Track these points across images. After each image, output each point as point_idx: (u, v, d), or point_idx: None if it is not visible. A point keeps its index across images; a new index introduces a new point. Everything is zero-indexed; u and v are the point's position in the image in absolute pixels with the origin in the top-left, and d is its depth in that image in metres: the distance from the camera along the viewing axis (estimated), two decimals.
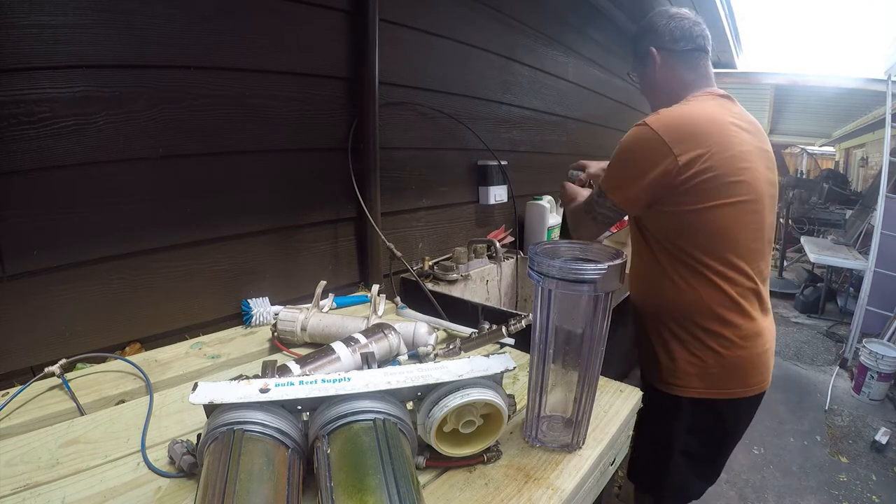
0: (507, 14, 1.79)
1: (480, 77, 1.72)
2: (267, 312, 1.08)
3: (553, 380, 0.67)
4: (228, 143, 1.03)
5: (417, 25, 1.42)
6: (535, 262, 0.61)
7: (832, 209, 6.53)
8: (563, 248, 0.67)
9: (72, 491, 0.55)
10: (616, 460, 0.77)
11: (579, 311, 0.63)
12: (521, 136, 2.01)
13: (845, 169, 10.20)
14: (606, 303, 0.61)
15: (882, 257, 3.51)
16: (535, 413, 0.68)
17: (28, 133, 0.77)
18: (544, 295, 0.62)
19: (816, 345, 3.88)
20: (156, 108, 0.91)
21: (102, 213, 0.87)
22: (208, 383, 0.53)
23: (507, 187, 1.83)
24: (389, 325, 0.90)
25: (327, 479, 0.47)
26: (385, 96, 1.30)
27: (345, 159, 1.24)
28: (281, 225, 1.16)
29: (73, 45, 0.80)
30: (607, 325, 0.62)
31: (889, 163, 3.62)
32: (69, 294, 0.85)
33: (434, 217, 1.60)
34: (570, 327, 0.64)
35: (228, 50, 1.00)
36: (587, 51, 2.45)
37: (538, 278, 0.61)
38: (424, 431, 0.58)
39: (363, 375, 0.57)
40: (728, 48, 3.92)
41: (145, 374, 0.81)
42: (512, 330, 0.91)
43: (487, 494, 0.58)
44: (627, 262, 0.75)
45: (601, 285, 0.58)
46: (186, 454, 0.58)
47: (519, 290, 1.87)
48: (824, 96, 5.97)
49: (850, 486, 2.20)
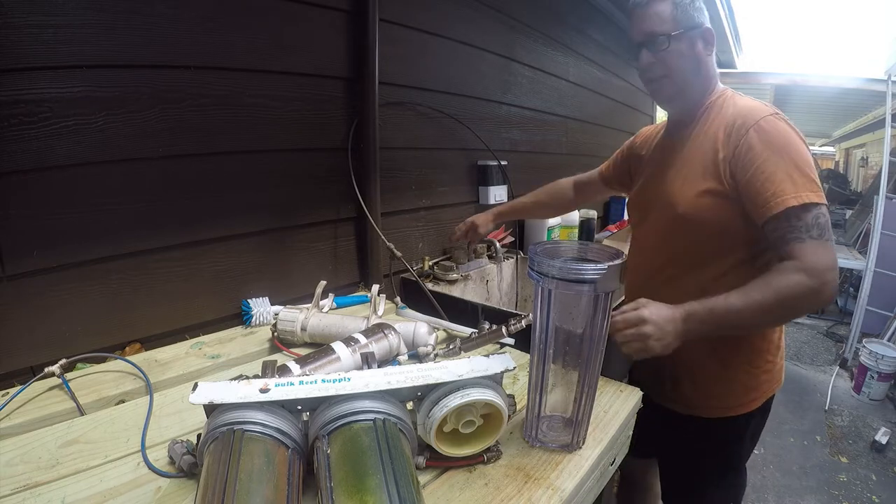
0: (507, 14, 1.79)
1: (480, 77, 1.72)
2: (267, 312, 1.08)
3: (553, 380, 0.67)
4: (228, 143, 1.03)
5: (417, 25, 1.42)
6: (535, 261, 0.61)
7: (832, 209, 6.55)
8: (563, 248, 0.67)
9: (72, 491, 0.55)
10: (616, 460, 0.76)
11: (579, 311, 0.63)
12: (521, 136, 2.01)
13: (845, 169, 10.21)
14: (606, 303, 0.61)
15: (882, 257, 3.51)
16: (535, 413, 0.68)
17: (28, 133, 0.77)
18: (544, 295, 0.62)
19: (816, 345, 3.88)
20: (156, 108, 0.91)
21: (102, 213, 0.87)
22: (208, 383, 0.53)
23: (506, 187, 1.83)
24: (389, 325, 0.90)
25: (327, 479, 0.47)
26: (385, 96, 1.30)
27: (345, 159, 1.24)
28: (281, 225, 1.16)
29: (73, 45, 0.80)
30: (607, 325, 0.62)
31: (889, 163, 3.62)
32: (69, 294, 0.85)
33: (434, 217, 1.60)
34: (570, 327, 0.64)
35: (228, 50, 1.00)
36: (587, 51, 2.45)
37: (538, 278, 0.61)
38: (424, 431, 0.58)
39: (363, 375, 0.57)
40: (728, 48, 3.91)
41: (145, 374, 0.81)
42: (512, 330, 0.91)
43: (487, 494, 0.58)
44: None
45: (601, 285, 0.58)
46: (186, 454, 0.58)
47: (519, 290, 1.87)
48: (824, 96, 5.97)
49: (850, 486, 2.20)
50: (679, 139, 0.99)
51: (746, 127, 0.85)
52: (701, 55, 0.92)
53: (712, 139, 0.90)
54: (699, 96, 0.96)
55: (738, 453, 1.05)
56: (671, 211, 0.94)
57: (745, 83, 5.46)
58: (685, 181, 0.93)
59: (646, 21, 0.91)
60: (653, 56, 0.91)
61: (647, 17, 0.90)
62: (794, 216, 0.79)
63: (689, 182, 0.92)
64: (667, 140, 1.05)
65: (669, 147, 1.02)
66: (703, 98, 0.96)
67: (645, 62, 0.93)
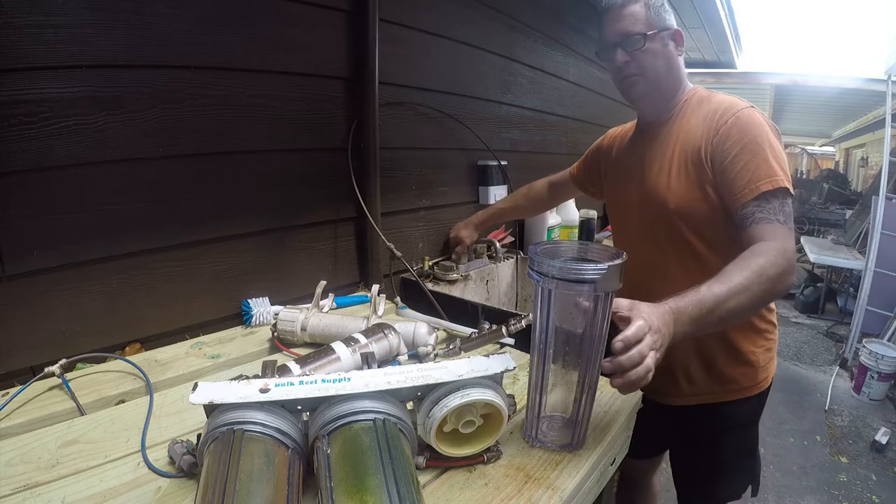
0: (507, 14, 1.79)
1: (480, 77, 1.72)
2: (267, 312, 1.08)
3: (553, 380, 0.67)
4: (228, 143, 1.03)
5: (417, 25, 1.42)
6: (535, 262, 0.61)
7: (832, 209, 6.54)
8: (563, 248, 0.67)
9: (72, 491, 0.55)
10: (616, 460, 0.76)
11: (579, 310, 0.63)
12: (521, 136, 2.01)
13: (845, 169, 10.22)
14: (606, 303, 0.61)
15: (881, 257, 3.51)
16: (535, 413, 0.68)
17: (28, 133, 0.77)
18: (544, 295, 0.62)
19: (816, 345, 3.88)
20: (156, 108, 0.91)
21: (103, 213, 0.87)
22: (208, 383, 0.53)
23: (506, 187, 1.83)
24: (389, 325, 0.90)
25: (327, 479, 0.47)
26: (385, 96, 1.30)
27: (345, 159, 1.24)
28: (281, 225, 1.16)
29: (73, 45, 0.80)
30: (607, 325, 0.62)
31: (889, 163, 3.62)
32: (69, 294, 0.85)
33: (434, 217, 1.60)
34: (570, 327, 0.64)
35: (228, 50, 1.00)
36: (587, 51, 2.45)
37: (538, 278, 0.61)
38: (424, 431, 0.58)
39: (363, 375, 0.57)
40: (728, 48, 3.92)
41: (145, 374, 0.81)
42: (512, 330, 0.91)
43: (487, 494, 0.58)
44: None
45: (601, 285, 0.58)
46: (186, 454, 0.58)
47: (519, 290, 1.87)
48: (824, 96, 5.98)
49: (850, 486, 2.20)
50: (655, 137, 1.02)
51: (725, 118, 0.89)
52: (672, 54, 0.97)
53: (693, 133, 0.94)
54: (671, 94, 1.00)
55: (753, 436, 1.09)
56: (662, 208, 0.96)
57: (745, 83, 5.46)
58: (672, 177, 0.95)
59: (621, 21, 0.95)
60: (627, 55, 0.95)
61: (623, 17, 0.94)
62: (765, 199, 0.83)
63: (678, 177, 0.95)
64: (640, 139, 1.08)
65: (645, 146, 1.04)
66: (676, 96, 1.00)
67: (620, 61, 0.96)
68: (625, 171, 1.09)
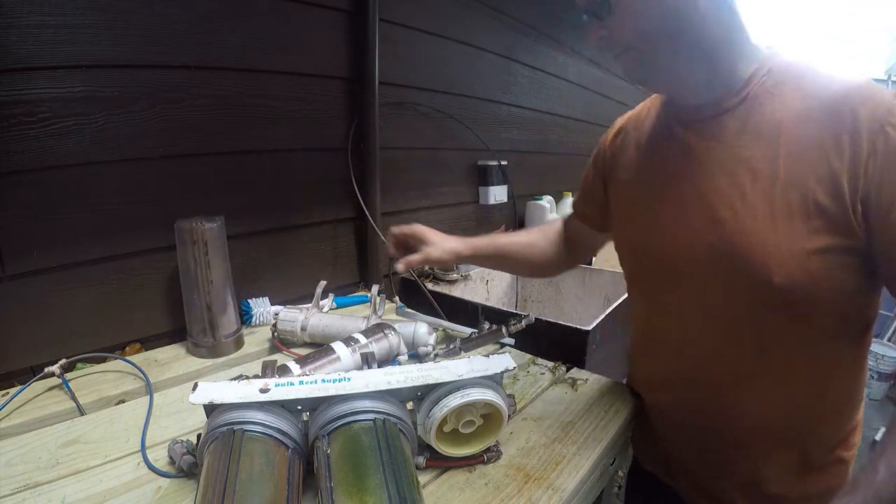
0: (507, 14, 1.79)
1: (480, 77, 1.72)
2: (267, 312, 1.08)
3: None
4: (228, 143, 1.03)
5: (417, 25, 1.42)
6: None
7: None
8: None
9: (72, 491, 0.55)
10: (616, 460, 0.76)
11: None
12: (521, 136, 2.01)
13: None
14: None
15: None
16: None
17: (28, 133, 0.77)
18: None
19: None
20: (156, 108, 0.91)
21: (102, 212, 0.87)
22: (208, 383, 0.53)
23: (507, 187, 1.83)
24: (389, 325, 0.90)
25: (327, 479, 0.47)
26: (385, 96, 1.30)
27: (345, 159, 1.24)
28: (281, 225, 1.16)
29: (73, 45, 0.79)
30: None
31: None
32: (69, 294, 0.85)
33: (434, 217, 1.60)
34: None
35: (228, 50, 1.00)
36: (587, 51, 2.45)
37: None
38: (424, 431, 0.58)
39: (363, 375, 0.57)
40: None
41: (145, 374, 0.81)
42: (512, 330, 0.91)
43: (487, 494, 0.58)
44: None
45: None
46: (186, 454, 0.58)
47: (519, 290, 1.87)
48: None
49: None
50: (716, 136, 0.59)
51: (878, 120, 0.49)
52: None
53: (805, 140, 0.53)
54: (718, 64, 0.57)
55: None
56: (758, 276, 0.55)
57: None
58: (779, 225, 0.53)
59: None
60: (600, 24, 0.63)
61: None
62: None
63: (788, 227, 0.53)
64: (686, 135, 0.62)
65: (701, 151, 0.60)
66: (737, 65, 0.58)
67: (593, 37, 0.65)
68: (659, 195, 0.65)
